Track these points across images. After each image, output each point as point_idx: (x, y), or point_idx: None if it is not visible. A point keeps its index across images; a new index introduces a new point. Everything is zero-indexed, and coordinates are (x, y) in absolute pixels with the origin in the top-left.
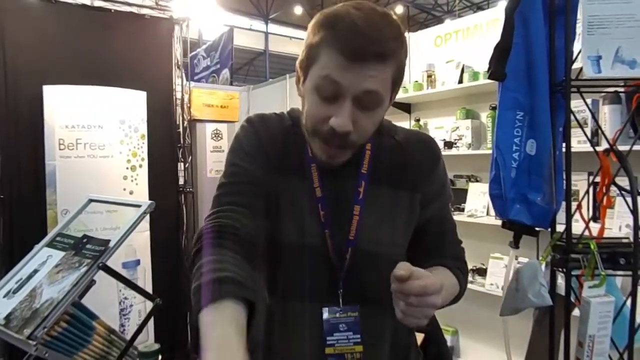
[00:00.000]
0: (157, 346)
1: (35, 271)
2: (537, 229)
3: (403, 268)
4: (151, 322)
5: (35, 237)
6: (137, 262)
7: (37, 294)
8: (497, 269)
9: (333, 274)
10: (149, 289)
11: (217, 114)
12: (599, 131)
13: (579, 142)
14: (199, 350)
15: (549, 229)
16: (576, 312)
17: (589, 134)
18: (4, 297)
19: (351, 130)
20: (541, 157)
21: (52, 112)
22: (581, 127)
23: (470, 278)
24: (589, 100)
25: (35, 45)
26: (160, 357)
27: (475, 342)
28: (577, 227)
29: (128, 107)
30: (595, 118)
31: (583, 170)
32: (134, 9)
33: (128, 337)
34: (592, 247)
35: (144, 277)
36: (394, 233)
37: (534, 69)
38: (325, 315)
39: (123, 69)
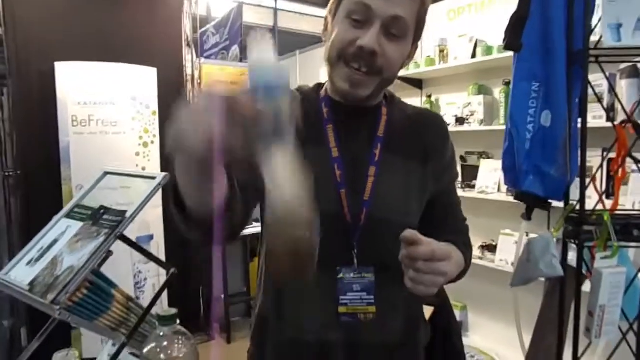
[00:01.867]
0: (174, 310)
1: (55, 241)
2: (549, 201)
3: (410, 231)
4: (165, 296)
5: (51, 212)
6: (151, 237)
7: (58, 262)
8: (507, 245)
9: (347, 235)
10: None
11: None
12: (616, 105)
13: (594, 118)
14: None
15: (562, 201)
16: (587, 285)
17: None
18: (27, 265)
19: (377, 52)
20: (556, 129)
21: (64, 88)
22: (599, 100)
23: (479, 254)
24: (604, 82)
25: (45, 21)
26: (178, 321)
27: (483, 317)
28: (590, 203)
29: (139, 83)
30: (613, 90)
31: (597, 146)
32: None
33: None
34: (605, 218)
35: (157, 252)
36: (406, 201)
37: (550, 38)
38: (340, 275)
39: (133, 45)
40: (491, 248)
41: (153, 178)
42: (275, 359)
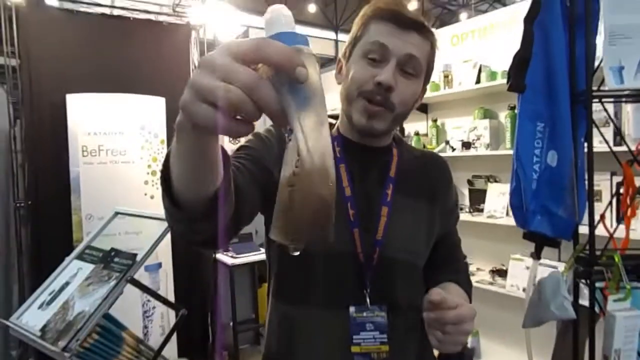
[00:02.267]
0: None
1: (67, 283)
2: (558, 240)
3: (436, 292)
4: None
5: (61, 242)
6: (159, 265)
7: (70, 306)
8: (518, 270)
9: (360, 274)
10: (170, 291)
11: None
12: (621, 134)
13: (600, 142)
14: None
15: (571, 241)
16: (600, 324)
17: (611, 134)
18: (39, 308)
19: (394, 87)
20: (562, 168)
21: (75, 119)
22: (598, 129)
23: (490, 279)
24: (610, 105)
25: (57, 55)
26: (175, 342)
27: (496, 343)
28: (603, 231)
29: (148, 113)
30: (615, 124)
31: (605, 169)
32: (152, 16)
33: (151, 338)
34: (616, 259)
35: (166, 279)
36: (417, 241)
37: (554, 79)
38: (353, 314)
39: (142, 76)
40: (502, 273)
41: (162, 219)
42: None
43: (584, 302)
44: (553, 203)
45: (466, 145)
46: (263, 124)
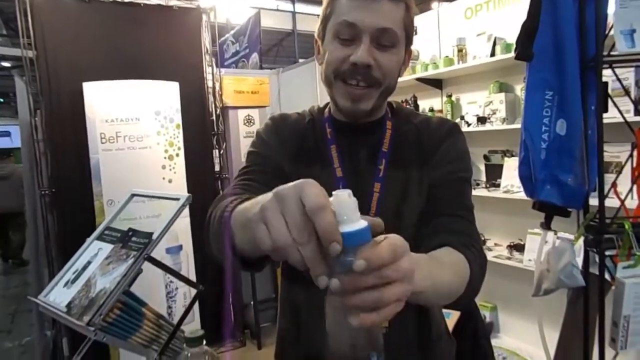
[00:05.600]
0: (201, 332)
1: (89, 263)
2: (569, 209)
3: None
4: (196, 306)
5: (85, 227)
6: (180, 248)
7: (92, 284)
8: (535, 244)
9: None
10: (192, 272)
11: (248, 99)
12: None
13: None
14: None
15: (581, 210)
16: (611, 292)
17: (630, 104)
18: (64, 286)
19: (372, 64)
20: (572, 137)
21: (92, 107)
22: (612, 100)
23: (507, 254)
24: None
25: (72, 44)
26: (204, 341)
27: (514, 317)
28: (615, 203)
29: (162, 98)
30: (627, 92)
31: (627, 140)
32: (162, 2)
33: (175, 319)
34: (626, 227)
35: (187, 262)
36: (409, 213)
37: (562, 46)
38: None
39: (155, 61)
40: (519, 247)
41: (177, 199)
42: None
43: (595, 271)
44: (562, 172)
45: (481, 120)
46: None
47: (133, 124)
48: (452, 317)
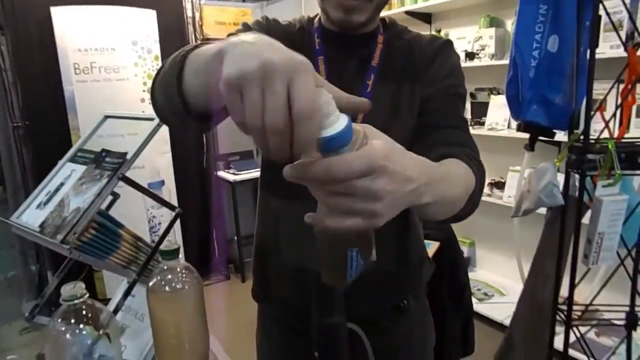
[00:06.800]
0: (176, 245)
1: (62, 184)
2: (554, 131)
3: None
4: (180, 241)
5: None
6: (162, 183)
7: (65, 204)
8: (516, 181)
9: None
10: None
11: (229, 31)
12: (635, 33)
13: (611, 47)
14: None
15: (566, 132)
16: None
17: (623, 37)
18: (37, 208)
19: None
20: (563, 54)
21: (63, 35)
22: (615, 29)
23: (488, 191)
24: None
25: None
26: (182, 256)
27: (491, 252)
28: (600, 127)
29: (139, 27)
30: (632, 18)
31: (613, 78)
32: None
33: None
34: (609, 146)
35: (169, 197)
36: (398, 130)
37: None
38: None
39: None
40: (500, 185)
41: (152, 119)
42: (279, 287)
43: (575, 194)
44: (550, 91)
45: (470, 55)
46: None
47: (108, 54)
48: (431, 247)
